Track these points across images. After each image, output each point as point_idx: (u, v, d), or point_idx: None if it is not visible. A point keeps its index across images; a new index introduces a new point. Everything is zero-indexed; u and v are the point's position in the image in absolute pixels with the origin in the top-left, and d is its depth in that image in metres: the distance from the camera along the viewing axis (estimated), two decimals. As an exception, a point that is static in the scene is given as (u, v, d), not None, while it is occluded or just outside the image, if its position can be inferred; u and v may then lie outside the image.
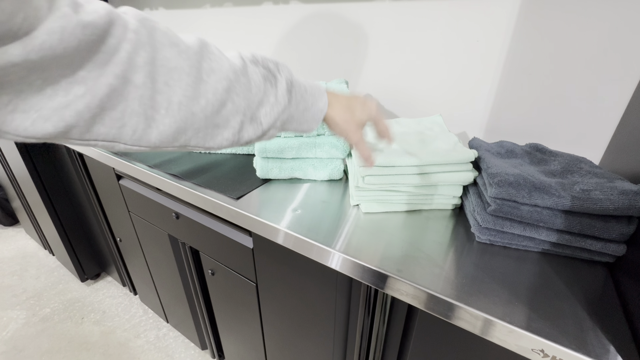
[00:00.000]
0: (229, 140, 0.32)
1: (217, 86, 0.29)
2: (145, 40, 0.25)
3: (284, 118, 0.36)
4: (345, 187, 0.67)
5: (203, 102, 0.28)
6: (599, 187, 0.44)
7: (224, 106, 0.30)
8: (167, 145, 0.29)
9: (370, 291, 0.51)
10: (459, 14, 0.70)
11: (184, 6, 1.16)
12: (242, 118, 0.32)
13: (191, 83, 0.27)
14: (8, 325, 1.31)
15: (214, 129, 0.31)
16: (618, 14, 0.56)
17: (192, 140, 0.30)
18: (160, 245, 0.94)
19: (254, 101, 0.32)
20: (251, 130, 0.33)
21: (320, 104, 0.40)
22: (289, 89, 0.35)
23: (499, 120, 0.74)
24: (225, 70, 0.30)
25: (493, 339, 0.38)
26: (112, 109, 0.24)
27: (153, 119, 0.27)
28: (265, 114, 0.34)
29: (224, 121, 0.31)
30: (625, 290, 0.41)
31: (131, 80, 0.24)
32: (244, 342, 0.90)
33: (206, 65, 0.29)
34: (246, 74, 0.32)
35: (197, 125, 0.29)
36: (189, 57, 0.28)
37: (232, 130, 0.32)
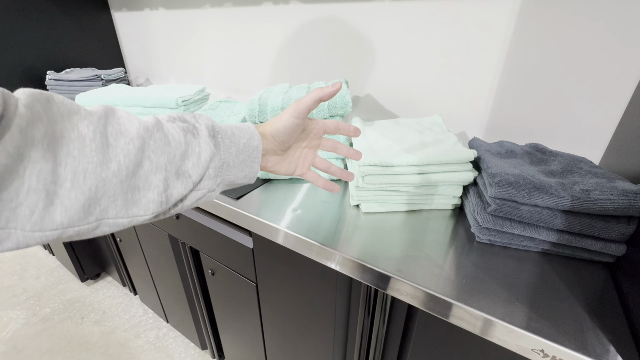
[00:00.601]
0: (155, 202, 0.29)
1: (129, 147, 0.27)
2: (41, 114, 0.23)
3: (216, 166, 0.33)
4: (345, 187, 0.67)
5: (114, 166, 0.26)
6: (599, 187, 0.44)
7: (140, 166, 0.27)
8: (79, 224, 0.25)
9: (370, 291, 0.51)
10: (459, 14, 0.70)
11: (184, 6, 1.16)
12: (165, 174, 0.29)
13: (97, 148, 0.25)
14: (8, 325, 1.31)
15: (133, 193, 0.28)
16: (618, 13, 0.56)
17: (109, 211, 0.27)
18: (160, 245, 0.94)
19: (176, 155, 0.30)
20: (180, 186, 0.31)
21: (254, 142, 0.37)
22: (211, 135, 0.33)
23: (499, 120, 0.74)
24: (136, 130, 0.28)
25: (493, 339, 0.38)
26: (3, 189, 0.21)
27: (56, 194, 0.23)
28: (192, 165, 0.31)
29: (144, 182, 0.28)
30: (625, 290, 0.41)
31: (27, 155, 0.22)
32: (244, 342, 0.90)
33: (112, 128, 0.27)
34: (161, 130, 0.30)
35: (112, 191, 0.26)
36: (92, 123, 0.25)
37: (156, 190, 0.29)
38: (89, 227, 0.26)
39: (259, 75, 1.12)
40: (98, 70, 1.27)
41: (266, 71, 1.09)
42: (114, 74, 1.25)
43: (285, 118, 0.39)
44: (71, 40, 1.31)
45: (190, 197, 0.33)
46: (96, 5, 1.35)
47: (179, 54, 1.30)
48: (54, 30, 1.25)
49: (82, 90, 1.10)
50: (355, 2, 0.81)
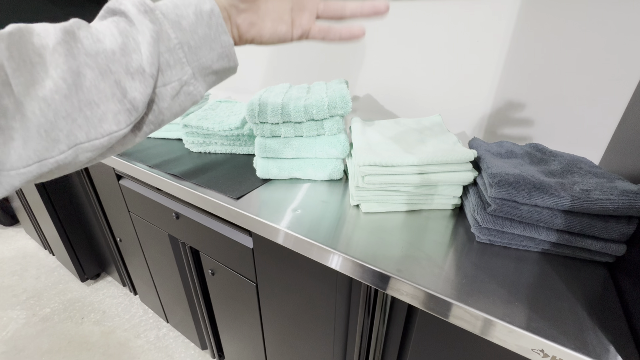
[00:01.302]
0: (122, 112, 0.26)
1: (54, 57, 0.24)
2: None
3: (170, 47, 0.28)
4: (345, 187, 0.67)
5: (49, 83, 0.23)
6: (599, 187, 0.44)
7: (80, 75, 0.24)
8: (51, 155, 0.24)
9: (370, 291, 0.51)
10: (458, 14, 0.70)
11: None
12: (115, 77, 0.25)
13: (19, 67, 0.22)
14: (8, 325, 1.31)
15: (90, 108, 0.25)
16: (618, 14, 0.56)
17: (77, 134, 0.24)
18: (160, 245, 0.94)
19: (115, 51, 0.25)
20: (139, 85, 0.26)
21: (205, 6, 0.29)
22: (143, 10, 0.27)
23: (499, 120, 0.74)
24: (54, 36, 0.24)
25: (493, 339, 0.38)
26: None
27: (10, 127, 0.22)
28: (142, 57, 0.26)
29: (96, 92, 0.25)
30: (625, 290, 0.41)
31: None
32: (244, 342, 0.90)
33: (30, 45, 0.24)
34: (86, 28, 0.26)
35: (63, 111, 0.24)
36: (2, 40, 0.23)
37: (114, 98, 0.25)
38: (67, 156, 0.24)
39: (259, 75, 1.12)
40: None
41: (266, 71, 1.09)
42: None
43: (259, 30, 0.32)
44: (71, 40, 1.31)
45: (161, 96, 0.28)
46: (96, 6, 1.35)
47: (179, 54, 1.30)
48: (54, 30, 1.25)
49: (82, 90, 1.10)
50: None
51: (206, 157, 0.81)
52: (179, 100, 0.29)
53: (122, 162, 0.80)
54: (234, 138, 0.81)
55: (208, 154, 0.84)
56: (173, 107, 0.30)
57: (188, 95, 0.30)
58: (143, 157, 0.80)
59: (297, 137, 0.66)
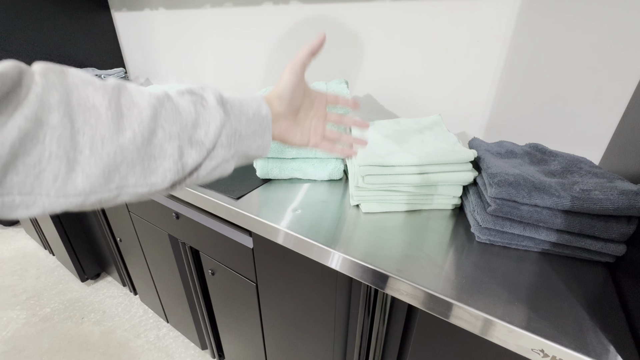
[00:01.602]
0: (172, 170, 0.30)
1: (142, 115, 0.28)
2: (56, 82, 0.24)
3: (228, 133, 0.34)
4: (345, 187, 0.67)
5: (129, 134, 0.27)
6: (599, 187, 0.44)
7: (154, 134, 0.29)
8: (101, 191, 0.26)
9: (370, 291, 0.51)
10: (458, 14, 0.70)
11: (184, 6, 1.16)
12: (179, 143, 0.30)
13: (112, 117, 0.26)
14: (8, 325, 1.31)
15: (150, 161, 0.29)
16: (618, 14, 0.56)
17: (129, 178, 0.28)
18: (160, 245, 0.94)
19: (187, 124, 0.31)
20: (194, 154, 0.31)
21: (263, 110, 0.38)
22: (220, 103, 0.34)
23: (499, 120, 0.74)
24: (147, 100, 0.29)
25: (493, 339, 0.38)
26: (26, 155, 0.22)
27: (76, 160, 0.24)
28: (204, 133, 0.32)
29: (159, 150, 0.29)
30: (625, 290, 0.41)
31: (45, 121, 0.23)
32: (244, 342, 0.90)
33: (125, 100, 0.28)
34: (171, 100, 0.31)
35: (129, 159, 0.27)
36: (107, 92, 0.26)
37: (172, 158, 0.30)
38: (110, 195, 0.27)
39: (259, 75, 1.12)
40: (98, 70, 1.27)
41: (267, 71, 1.09)
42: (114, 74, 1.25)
43: (285, 78, 0.41)
44: (71, 40, 1.31)
45: (205, 166, 0.33)
46: (96, 5, 1.35)
47: (179, 54, 1.30)
48: (54, 30, 1.25)
49: (82, 90, 1.10)
50: (356, 2, 0.81)
51: (206, 157, 0.81)
52: (214, 173, 0.35)
53: (122, 162, 0.80)
54: (234, 138, 0.81)
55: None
56: (207, 177, 0.35)
57: (222, 170, 0.36)
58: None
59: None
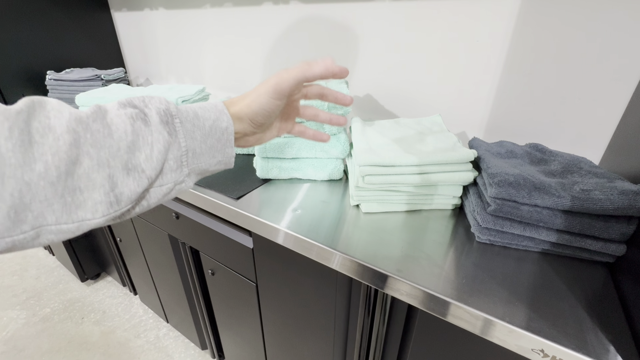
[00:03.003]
0: (103, 203, 0.26)
1: (57, 143, 0.23)
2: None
3: (177, 156, 0.29)
4: (345, 187, 0.67)
5: (40, 167, 0.22)
6: (599, 187, 0.44)
7: (77, 164, 0.24)
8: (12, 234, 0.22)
9: (370, 291, 0.51)
10: (458, 14, 0.70)
11: (184, 6, 1.16)
12: (110, 171, 0.25)
13: (13, 148, 0.21)
14: (8, 325, 1.31)
15: (74, 195, 0.24)
16: (618, 14, 0.56)
17: (47, 217, 0.23)
18: (160, 245, 0.94)
19: (120, 148, 0.26)
20: (132, 183, 0.26)
21: (222, 123, 0.32)
22: (164, 121, 0.28)
23: (499, 120, 0.74)
24: (66, 123, 0.24)
25: (493, 339, 0.38)
26: None
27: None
28: (145, 158, 0.27)
29: (86, 181, 0.24)
30: (625, 290, 0.41)
31: None
32: (244, 342, 0.90)
33: (38, 124, 0.23)
34: (101, 120, 0.26)
35: (42, 196, 0.23)
36: (7, 118, 0.22)
37: (102, 189, 0.25)
38: (26, 237, 0.23)
39: (259, 75, 1.12)
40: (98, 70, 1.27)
41: (266, 71, 1.09)
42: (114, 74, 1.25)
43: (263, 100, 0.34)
44: (71, 40, 1.31)
45: (153, 194, 0.29)
46: (96, 5, 1.35)
47: (179, 54, 1.30)
48: (54, 30, 1.25)
49: (82, 90, 1.10)
50: (356, 2, 0.81)
51: (206, 157, 0.81)
52: (168, 196, 0.31)
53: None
54: (234, 138, 0.81)
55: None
56: (160, 201, 0.31)
57: (178, 191, 0.32)
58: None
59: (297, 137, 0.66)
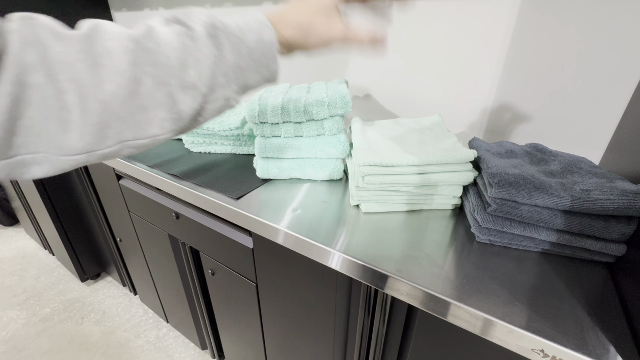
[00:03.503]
0: (169, 120, 0.28)
1: (119, 64, 0.25)
2: (30, 39, 0.23)
3: (225, 70, 0.30)
4: (345, 187, 0.67)
5: (112, 87, 0.25)
6: (599, 187, 0.44)
7: (139, 83, 0.26)
8: (99, 148, 0.26)
9: (370, 291, 0.51)
10: (458, 14, 0.70)
11: (184, 6, 1.16)
12: (169, 89, 0.27)
13: (88, 70, 0.24)
14: (8, 325, 1.31)
15: (142, 112, 0.27)
16: (618, 14, 0.56)
17: (126, 133, 0.26)
18: (160, 245, 0.94)
19: (173, 65, 0.27)
20: (189, 99, 0.28)
21: (265, 36, 0.32)
22: (210, 34, 0.29)
23: (499, 120, 0.74)
24: (123, 43, 0.26)
25: (493, 339, 0.38)
26: (20, 118, 0.23)
27: (69, 120, 0.24)
28: (195, 75, 0.28)
29: (149, 99, 0.27)
30: (625, 290, 0.41)
31: (28, 82, 0.22)
32: (244, 342, 0.90)
33: (100, 47, 0.25)
34: (152, 38, 0.27)
35: (119, 113, 0.26)
36: (78, 42, 0.24)
37: (164, 106, 0.27)
38: (112, 150, 0.27)
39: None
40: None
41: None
42: (114, 74, 1.25)
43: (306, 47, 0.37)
44: (71, 40, 1.31)
45: (207, 110, 0.31)
46: (96, 5, 1.35)
47: (179, 54, 1.30)
48: (54, 30, 1.25)
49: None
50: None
51: (206, 157, 0.81)
52: (219, 111, 0.33)
53: (122, 162, 0.80)
54: (234, 138, 0.81)
55: (208, 154, 0.84)
56: (213, 116, 0.33)
57: (227, 106, 0.33)
58: (143, 157, 0.80)
59: (297, 137, 0.66)
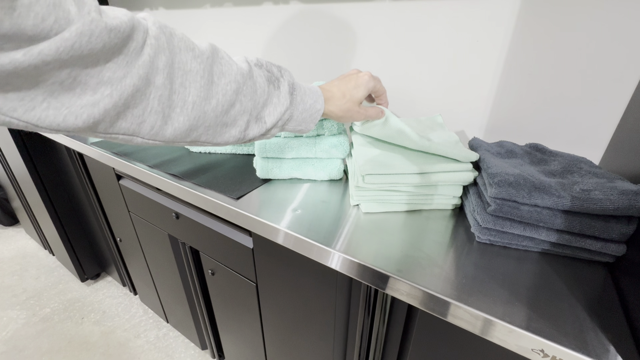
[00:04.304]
0: (234, 137, 0.36)
1: (227, 88, 0.32)
2: (164, 45, 0.28)
3: (285, 118, 0.39)
4: (345, 187, 0.67)
5: (214, 102, 0.32)
6: (599, 187, 0.44)
7: (232, 106, 0.33)
8: (179, 140, 0.32)
9: (370, 291, 0.51)
10: (458, 14, 0.70)
11: (184, 6, 1.16)
12: (248, 117, 0.35)
13: (204, 85, 0.30)
14: (8, 325, 1.31)
15: (222, 127, 0.34)
16: (618, 14, 0.56)
17: (202, 137, 0.33)
18: (160, 245, 0.94)
19: (259, 102, 0.36)
20: (256, 129, 0.37)
21: (318, 105, 0.43)
22: (290, 91, 0.39)
23: (499, 120, 0.74)
24: (234, 74, 0.33)
25: (493, 339, 0.38)
26: (134, 107, 0.27)
27: (169, 116, 0.30)
28: (269, 113, 0.37)
29: (232, 120, 0.34)
30: (625, 290, 0.41)
31: (152, 81, 0.27)
32: (244, 342, 0.90)
33: (217, 68, 0.32)
34: (252, 77, 0.35)
35: (208, 123, 0.32)
36: (203, 61, 0.30)
37: (239, 128, 0.35)
38: (184, 143, 0.34)
39: (259, 75, 1.11)
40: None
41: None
42: (114, 74, 1.25)
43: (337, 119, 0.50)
44: (71, 40, 1.31)
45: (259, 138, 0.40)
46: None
47: (179, 54, 1.30)
48: (54, 30, 1.25)
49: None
50: (356, 2, 0.81)
51: (206, 157, 0.81)
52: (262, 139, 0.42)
53: (122, 162, 0.80)
54: (234, 138, 0.81)
55: (208, 154, 0.84)
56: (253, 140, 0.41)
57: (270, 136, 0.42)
58: (143, 157, 0.80)
59: (297, 137, 0.66)
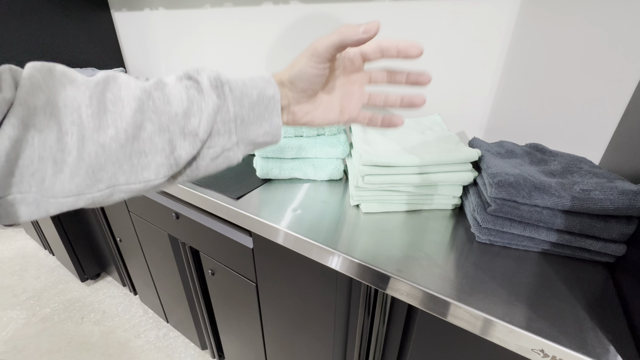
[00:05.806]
0: (165, 165, 0.29)
1: (125, 110, 0.26)
2: (41, 83, 0.24)
3: (225, 119, 0.31)
4: (345, 187, 0.67)
5: (112, 132, 0.26)
6: (599, 187, 0.44)
7: (141, 129, 0.27)
8: (90, 191, 0.26)
9: (370, 291, 0.51)
10: (458, 14, 0.70)
11: (184, 6, 1.16)
12: (170, 136, 0.28)
13: (92, 115, 0.25)
14: (8, 325, 1.31)
15: (140, 157, 0.27)
16: (618, 14, 0.56)
17: (119, 177, 0.27)
18: (160, 245, 0.94)
19: (177, 114, 0.29)
20: (187, 146, 0.29)
21: (269, 92, 0.33)
22: (214, 85, 0.31)
23: (499, 120, 0.74)
24: (133, 92, 0.27)
25: (493, 339, 0.38)
26: (18, 158, 0.23)
27: (64, 162, 0.24)
28: (197, 123, 0.29)
29: (149, 145, 0.27)
30: (625, 290, 0.41)
31: (32, 124, 0.23)
32: (244, 342, 0.90)
33: (111, 94, 0.26)
34: (162, 89, 0.29)
35: (114, 157, 0.26)
36: (89, 89, 0.26)
37: (163, 152, 0.28)
38: (102, 195, 0.27)
39: (259, 75, 1.12)
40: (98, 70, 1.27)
41: (266, 71, 1.09)
42: (114, 74, 1.25)
43: (302, 63, 0.34)
44: (71, 40, 1.31)
45: (203, 156, 0.31)
46: (96, 5, 1.35)
47: (179, 54, 1.30)
48: (54, 30, 1.25)
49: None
50: (356, 2, 0.81)
51: (206, 157, 0.81)
52: (216, 162, 0.32)
53: (122, 162, 0.80)
54: (234, 138, 0.81)
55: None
56: (209, 166, 0.32)
57: (226, 159, 0.33)
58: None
59: (297, 137, 0.66)
